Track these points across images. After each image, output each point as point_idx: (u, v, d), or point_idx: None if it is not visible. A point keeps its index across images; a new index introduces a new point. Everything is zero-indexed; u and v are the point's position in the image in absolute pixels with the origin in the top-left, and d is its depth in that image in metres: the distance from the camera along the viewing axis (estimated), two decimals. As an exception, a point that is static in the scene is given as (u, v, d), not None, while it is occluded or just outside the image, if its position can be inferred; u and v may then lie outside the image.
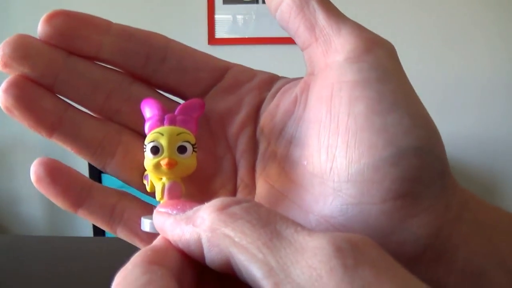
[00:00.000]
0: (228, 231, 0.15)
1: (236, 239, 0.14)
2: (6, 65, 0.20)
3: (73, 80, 0.21)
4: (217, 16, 1.94)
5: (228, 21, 1.94)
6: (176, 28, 1.98)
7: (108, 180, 1.79)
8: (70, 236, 1.95)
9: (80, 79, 0.21)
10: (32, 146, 2.03)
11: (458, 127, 2.01)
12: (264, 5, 1.98)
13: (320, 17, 0.20)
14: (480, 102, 2.00)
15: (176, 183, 0.21)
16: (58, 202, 0.21)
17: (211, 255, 0.15)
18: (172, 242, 0.17)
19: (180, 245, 0.16)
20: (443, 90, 1.98)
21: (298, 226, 0.15)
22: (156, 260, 0.16)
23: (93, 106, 0.22)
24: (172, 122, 0.21)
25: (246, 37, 1.94)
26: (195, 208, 0.17)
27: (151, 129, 0.21)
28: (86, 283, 0.71)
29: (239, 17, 1.94)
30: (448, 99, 1.99)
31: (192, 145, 0.21)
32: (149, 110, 0.21)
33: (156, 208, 0.18)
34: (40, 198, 2.08)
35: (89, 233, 1.98)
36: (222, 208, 0.15)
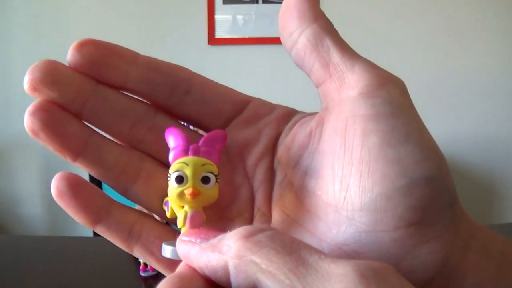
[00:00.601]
0: (255, 258, 0.15)
1: (263, 266, 0.15)
2: (35, 89, 0.21)
3: (100, 108, 0.22)
4: (217, 16, 1.94)
5: (228, 21, 1.94)
6: (176, 28, 1.98)
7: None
8: (70, 236, 1.95)
9: (107, 107, 0.22)
10: (32, 146, 2.03)
11: (459, 127, 2.01)
12: (264, 5, 1.98)
13: (335, 54, 0.21)
14: (480, 103, 2.00)
15: (198, 212, 0.21)
16: (78, 217, 0.22)
17: (238, 281, 0.16)
18: (197, 269, 0.17)
19: (206, 272, 0.17)
20: (444, 91, 1.98)
21: (322, 253, 0.16)
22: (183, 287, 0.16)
23: (118, 134, 0.23)
24: (197, 153, 0.21)
25: (246, 37, 1.94)
26: (219, 237, 0.17)
27: (175, 158, 0.21)
28: (86, 283, 0.71)
29: (239, 17, 1.94)
30: (449, 99, 1.99)
31: (215, 176, 0.21)
32: (173, 140, 0.22)
33: (179, 237, 0.19)
34: (40, 198, 2.08)
35: (89, 233, 1.97)
36: (248, 236, 0.16)
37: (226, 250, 0.16)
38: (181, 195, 0.21)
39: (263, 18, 1.91)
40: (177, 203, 0.22)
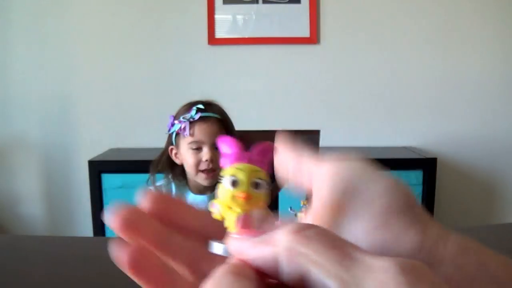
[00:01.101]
0: (305, 250, 0.18)
1: (313, 257, 0.17)
2: (121, 232, 0.24)
3: (169, 246, 0.25)
4: (217, 16, 1.94)
5: (228, 21, 1.95)
6: (176, 28, 1.98)
7: (108, 180, 1.79)
8: (70, 236, 1.95)
9: (173, 244, 0.25)
10: (32, 146, 2.03)
11: (458, 127, 2.01)
12: (264, 5, 1.98)
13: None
14: (480, 103, 2.00)
15: (248, 215, 0.23)
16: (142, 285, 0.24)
17: (288, 270, 0.18)
18: (250, 261, 0.19)
19: (258, 264, 0.19)
20: (444, 91, 1.99)
21: (363, 250, 0.18)
22: (240, 273, 0.19)
23: (183, 263, 0.25)
24: (250, 160, 0.24)
25: (246, 37, 1.94)
26: (270, 232, 0.19)
27: (230, 163, 0.24)
28: (86, 283, 0.71)
29: (239, 17, 1.94)
30: (449, 99, 1.99)
31: (266, 182, 0.23)
32: (227, 147, 0.24)
33: (231, 235, 0.21)
34: (40, 198, 2.08)
35: (89, 233, 1.97)
36: (298, 231, 0.18)
37: (278, 243, 0.18)
38: (234, 197, 0.23)
39: (263, 18, 1.92)
40: (228, 205, 0.23)
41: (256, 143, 0.25)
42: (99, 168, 1.71)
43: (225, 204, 0.23)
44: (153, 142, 1.96)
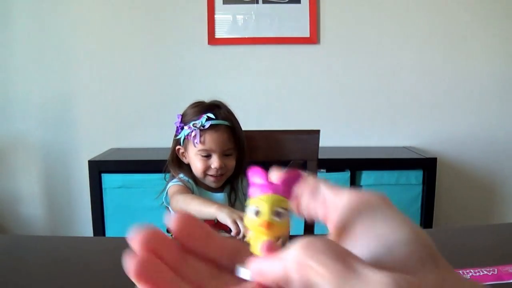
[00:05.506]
0: (312, 262, 0.20)
1: (318, 269, 0.19)
2: (141, 250, 0.24)
3: (186, 268, 0.26)
4: (217, 16, 1.94)
5: (228, 21, 1.95)
6: (176, 28, 1.98)
7: (108, 180, 1.80)
8: (70, 236, 1.95)
9: (190, 267, 0.26)
10: (32, 146, 2.03)
11: (458, 127, 2.02)
12: (264, 5, 1.98)
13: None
14: (480, 103, 2.00)
15: (271, 241, 0.25)
16: None
17: (298, 284, 0.20)
18: (267, 278, 0.22)
19: (274, 279, 0.21)
20: (444, 91, 1.99)
21: (365, 262, 0.20)
22: None
23: (192, 284, 0.26)
24: (275, 190, 0.26)
25: (246, 37, 1.94)
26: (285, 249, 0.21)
27: (256, 194, 0.26)
28: (85, 283, 0.71)
29: (239, 17, 1.94)
30: (449, 99, 1.99)
31: (288, 211, 0.25)
32: (255, 177, 0.27)
33: (252, 260, 0.24)
34: (40, 198, 2.08)
35: (89, 233, 1.97)
36: (307, 246, 0.20)
37: (288, 258, 0.21)
38: (257, 226, 0.25)
39: (263, 18, 1.92)
40: (255, 233, 0.26)
41: (286, 171, 0.27)
42: (99, 168, 1.71)
43: (254, 233, 0.26)
44: (153, 142, 1.96)
